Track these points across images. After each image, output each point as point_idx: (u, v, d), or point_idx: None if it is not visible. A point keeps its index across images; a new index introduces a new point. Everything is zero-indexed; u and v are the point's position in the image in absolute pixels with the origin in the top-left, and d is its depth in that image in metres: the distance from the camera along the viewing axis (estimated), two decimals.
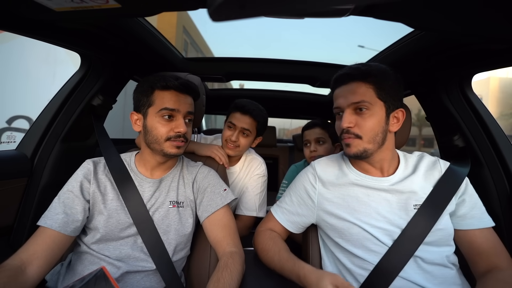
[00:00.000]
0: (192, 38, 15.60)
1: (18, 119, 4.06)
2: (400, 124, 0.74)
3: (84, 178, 0.77)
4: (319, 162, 0.86)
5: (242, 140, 1.16)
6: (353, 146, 0.71)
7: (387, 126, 0.71)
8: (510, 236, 0.86)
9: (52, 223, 0.69)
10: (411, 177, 0.73)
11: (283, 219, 0.85)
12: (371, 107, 0.69)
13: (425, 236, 0.67)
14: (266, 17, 0.43)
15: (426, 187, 0.72)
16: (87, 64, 1.04)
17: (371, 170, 0.76)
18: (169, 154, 0.78)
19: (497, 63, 0.80)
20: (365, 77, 0.69)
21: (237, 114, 1.15)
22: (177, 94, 0.77)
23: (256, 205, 1.22)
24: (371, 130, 0.69)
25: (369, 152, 0.71)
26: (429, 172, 0.75)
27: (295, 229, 0.85)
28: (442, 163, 0.77)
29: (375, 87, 0.69)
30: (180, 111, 0.77)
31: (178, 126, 0.77)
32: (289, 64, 1.44)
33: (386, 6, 0.52)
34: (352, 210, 0.74)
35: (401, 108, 0.73)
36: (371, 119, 0.69)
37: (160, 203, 0.81)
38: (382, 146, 0.72)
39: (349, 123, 0.70)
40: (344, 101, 0.72)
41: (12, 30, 0.69)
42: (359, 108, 0.69)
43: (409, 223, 0.68)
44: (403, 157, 0.79)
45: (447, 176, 0.73)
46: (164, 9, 0.57)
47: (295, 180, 0.88)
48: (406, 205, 0.71)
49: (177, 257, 0.80)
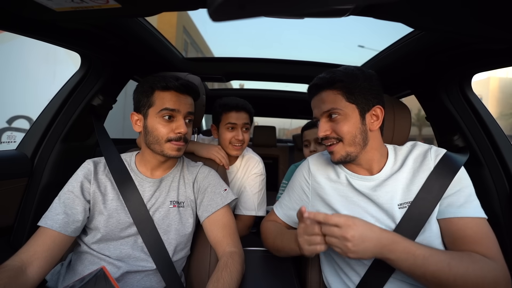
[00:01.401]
0: (192, 38, 15.61)
1: (18, 119, 4.07)
2: (381, 121, 0.72)
3: (84, 178, 0.77)
4: (313, 158, 0.87)
5: (246, 135, 1.20)
6: (336, 153, 0.72)
7: (364, 126, 0.71)
8: (510, 236, 0.86)
9: (53, 223, 0.69)
10: (397, 175, 0.71)
11: (282, 214, 0.89)
12: (342, 112, 0.70)
13: (419, 232, 0.65)
14: (266, 17, 0.43)
15: (415, 181, 0.69)
16: (87, 64, 1.04)
17: (359, 170, 0.77)
18: (169, 156, 0.78)
19: (497, 63, 0.80)
20: (332, 84, 0.71)
21: (233, 114, 1.16)
22: (177, 95, 0.77)
23: (255, 204, 1.21)
24: (348, 132, 0.69)
25: (352, 155, 0.71)
26: (418, 164, 0.71)
27: (293, 223, 0.87)
28: (433, 151, 0.72)
29: (343, 92, 0.70)
30: (181, 112, 0.77)
31: (178, 127, 0.76)
32: (289, 64, 1.44)
33: (386, 6, 0.52)
34: (342, 208, 0.74)
35: (378, 105, 0.72)
36: (345, 123, 0.69)
37: (160, 203, 0.81)
38: (365, 147, 0.72)
39: (325, 132, 0.72)
40: (317, 111, 0.74)
41: (12, 30, 0.70)
42: (331, 115, 0.71)
43: (401, 220, 0.66)
44: (392, 151, 0.77)
45: (442, 163, 0.69)
46: (164, 9, 0.57)
47: (293, 177, 0.91)
48: (392, 206, 0.69)
49: (177, 257, 0.80)
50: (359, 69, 0.72)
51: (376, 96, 0.72)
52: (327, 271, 0.79)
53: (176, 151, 0.78)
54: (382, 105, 0.73)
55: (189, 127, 0.81)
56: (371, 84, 0.71)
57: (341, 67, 0.75)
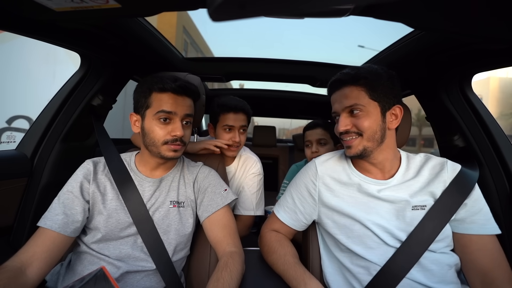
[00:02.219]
0: (192, 38, 15.61)
1: (18, 119, 4.07)
2: (399, 120, 0.74)
3: (84, 179, 0.77)
4: (320, 159, 0.86)
5: (242, 137, 1.19)
6: (353, 147, 0.73)
7: (384, 124, 0.72)
8: (510, 236, 0.86)
9: (52, 224, 0.69)
10: (411, 182, 0.73)
11: (286, 218, 0.85)
12: (365, 108, 0.70)
13: (433, 240, 0.67)
14: (266, 17, 0.43)
15: (430, 189, 0.71)
16: (87, 64, 1.04)
17: (372, 170, 0.76)
18: (166, 157, 0.77)
19: (497, 63, 0.80)
20: (356, 81, 0.71)
21: (231, 115, 1.15)
22: (174, 97, 0.76)
23: (254, 204, 1.21)
24: (369, 127, 0.70)
25: (368, 150, 0.72)
26: (435, 175, 0.73)
27: (298, 226, 0.85)
28: (449, 165, 0.74)
29: (367, 89, 0.70)
30: (177, 114, 0.76)
31: (174, 130, 0.76)
32: (289, 64, 1.44)
33: (386, 6, 0.52)
34: (352, 208, 0.74)
35: (398, 105, 0.74)
36: (366, 119, 0.70)
37: (160, 203, 0.81)
38: (381, 144, 0.72)
39: (345, 126, 0.72)
40: (338, 106, 0.74)
41: (12, 30, 0.70)
42: (353, 111, 0.72)
43: (417, 226, 0.68)
44: (405, 158, 0.78)
45: (458, 179, 0.72)
46: (164, 9, 0.57)
47: (296, 178, 0.88)
48: (404, 210, 0.70)
49: (177, 257, 0.80)
50: (382, 69, 0.73)
51: (397, 95, 0.73)
52: (328, 272, 0.79)
53: (173, 152, 0.77)
54: (401, 105, 0.74)
55: (187, 129, 0.81)
56: (393, 84, 0.72)
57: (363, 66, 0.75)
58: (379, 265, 0.69)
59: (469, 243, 0.69)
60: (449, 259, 0.69)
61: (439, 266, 0.67)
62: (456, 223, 0.71)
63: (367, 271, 0.70)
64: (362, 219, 0.72)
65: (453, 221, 0.71)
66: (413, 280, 0.67)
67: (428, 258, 0.67)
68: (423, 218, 0.69)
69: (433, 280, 0.66)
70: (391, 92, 0.72)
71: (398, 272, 0.66)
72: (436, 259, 0.68)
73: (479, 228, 0.69)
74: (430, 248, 0.67)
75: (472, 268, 0.69)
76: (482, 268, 0.67)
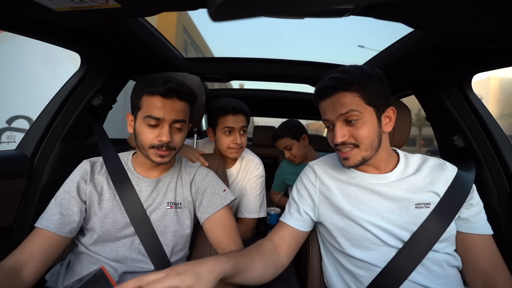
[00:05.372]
0: (192, 38, 15.61)
1: (18, 119, 4.06)
2: (393, 122, 0.72)
3: (81, 179, 0.77)
4: (317, 163, 0.85)
5: (244, 139, 1.17)
6: (351, 158, 0.69)
7: (380, 129, 0.69)
8: (510, 236, 0.86)
9: (48, 224, 0.69)
10: (411, 178, 0.72)
11: (296, 224, 0.80)
12: (361, 115, 0.66)
13: (436, 241, 0.66)
14: (266, 17, 0.43)
15: (433, 188, 0.70)
16: (87, 64, 1.04)
17: (368, 169, 0.76)
18: (153, 161, 0.76)
19: (497, 63, 0.80)
20: (349, 86, 0.66)
21: (230, 117, 1.12)
22: (163, 101, 0.73)
23: (257, 206, 1.21)
24: (367, 137, 0.67)
25: (366, 158, 0.70)
26: (435, 173, 0.72)
27: (304, 227, 0.81)
28: (449, 166, 0.74)
29: (361, 94, 0.66)
30: (166, 120, 0.73)
31: (161, 135, 0.73)
32: (289, 64, 1.44)
33: (386, 6, 0.52)
34: (352, 208, 0.73)
35: (391, 107, 0.71)
36: (364, 128, 0.67)
37: (157, 204, 0.80)
38: (378, 149, 0.71)
39: (343, 137, 0.68)
40: (332, 114, 0.69)
41: (12, 30, 0.69)
42: (349, 119, 0.67)
43: (422, 225, 0.67)
44: (403, 156, 0.78)
45: (457, 180, 0.72)
46: (164, 9, 0.57)
47: (297, 185, 0.87)
48: (408, 207, 0.69)
49: (175, 258, 0.80)
50: (372, 69, 0.69)
51: (388, 97, 0.70)
52: (329, 274, 0.79)
53: (160, 157, 0.75)
54: (393, 105, 0.72)
55: (177, 134, 0.78)
56: (384, 85, 0.69)
57: (349, 66, 0.72)
58: (380, 266, 0.68)
59: (472, 244, 0.69)
60: (452, 261, 0.69)
61: (441, 267, 0.67)
62: (461, 222, 0.71)
63: (368, 273, 0.70)
64: (361, 220, 0.71)
65: (458, 220, 0.71)
66: (415, 282, 0.66)
67: (431, 259, 0.67)
68: (428, 216, 0.68)
69: (436, 282, 0.66)
70: (383, 95, 0.68)
71: (401, 273, 0.66)
72: (439, 260, 0.67)
73: (481, 228, 0.69)
74: (434, 248, 0.67)
75: (474, 270, 0.68)
76: (483, 271, 0.67)
